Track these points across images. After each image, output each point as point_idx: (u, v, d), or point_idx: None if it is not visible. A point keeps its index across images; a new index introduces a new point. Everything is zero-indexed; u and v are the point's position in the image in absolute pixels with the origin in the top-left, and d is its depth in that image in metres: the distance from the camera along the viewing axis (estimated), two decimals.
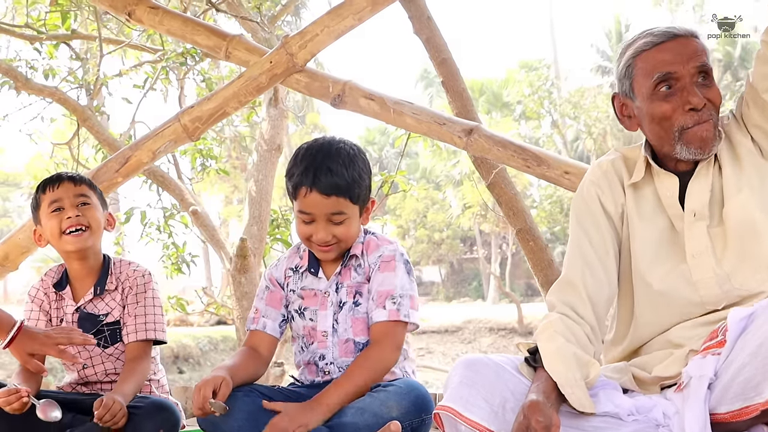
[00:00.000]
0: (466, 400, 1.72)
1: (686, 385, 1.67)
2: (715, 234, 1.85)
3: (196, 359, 15.73)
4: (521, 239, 4.43)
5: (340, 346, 2.26)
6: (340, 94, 3.45)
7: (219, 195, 30.48)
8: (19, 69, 6.19)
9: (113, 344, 2.60)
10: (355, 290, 2.27)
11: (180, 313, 7.88)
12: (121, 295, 2.63)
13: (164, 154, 3.92)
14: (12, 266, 3.87)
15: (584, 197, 2.02)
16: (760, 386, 1.48)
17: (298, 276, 2.36)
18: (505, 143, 3.37)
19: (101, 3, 3.69)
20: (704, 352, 1.67)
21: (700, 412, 1.59)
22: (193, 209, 6.47)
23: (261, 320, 2.34)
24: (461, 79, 4.49)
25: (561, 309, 1.91)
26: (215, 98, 3.58)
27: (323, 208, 2.16)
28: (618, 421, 1.74)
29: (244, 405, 2.09)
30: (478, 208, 26.87)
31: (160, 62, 6.38)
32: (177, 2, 6.19)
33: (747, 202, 1.81)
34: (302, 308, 2.33)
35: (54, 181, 2.60)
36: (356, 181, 2.18)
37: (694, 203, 1.86)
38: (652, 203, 1.94)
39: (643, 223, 1.93)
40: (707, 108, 1.83)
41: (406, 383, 2.10)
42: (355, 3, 3.26)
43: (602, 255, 1.95)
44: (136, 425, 2.31)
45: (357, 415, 2.03)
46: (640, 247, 1.93)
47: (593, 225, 1.98)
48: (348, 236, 2.23)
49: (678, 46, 1.85)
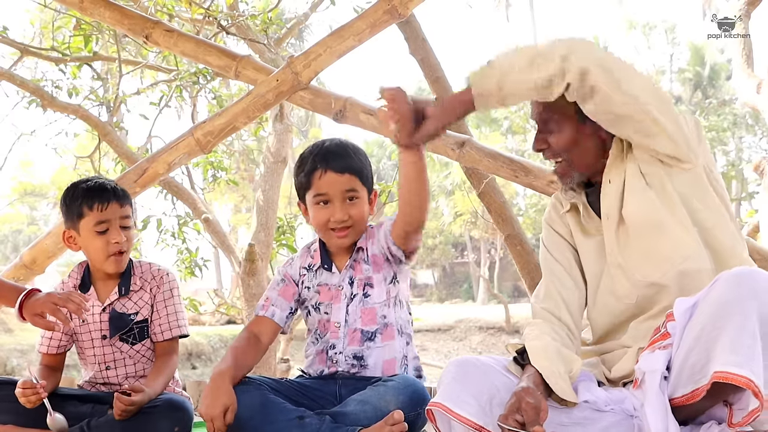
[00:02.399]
0: (456, 397, 1.73)
1: (641, 381, 1.68)
2: (622, 231, 1.89)
3: (208, 356, 15.70)
4: (510, 244, 4.43)
5: (350, 336, 2.25)
6: (342, 110, 3.46)
7: (229, 204, 30.46)
8: (45, 88, 6.21)
9: (141, 341, 2.54)
10: (365, 282, 2.26)
11: (193, 313, 7.87)
12: (149, 294, 2.55)
13: (179, 165, 3.92)
14: (39, 270, 3.87)
15: (544, 227, 2.15)
16: (704, 369, 1.50)
17: (313, 274, 2.34)
18: (494, 155, 3.38)
19: (121, 26, 3.69)
20: (651, 347, 1.68)
21: (659, 404, 1.60)
22: (205, 217, 6.46)
23: (270, 308, 2.30)
24: None
25: (543, 315, 1.97)
26: (226, 114, 3.58)
27: (339, 185, 2.17)
28: (597, 412, 1.76)
29: (255, 397, 2.07)
30: (469, 216, 26.89)
31: (175, 81, 6.40)
32: (190, 26, 6.19)
33: (652, 202, 1.83)
34: (318, 303, 2.31)
35: (102, 200, 2.45)
36: (363, 164, 2.23)
37: (605, 207, 1.92)
38: (583, 219, 2.02)
39: (584, 237, 2.01)
40: (549, 150, 1.95)
41: (404, 379, 2.10)
42: (355, 25, 3.27)
43: (567, 267, 2.04)
44: (152, 423, 2.27)
45: (358, 406, 2.02)
46: (583, 256, 2.02)
47: (554, 246, 2.08)
48: (361, 218, 2.23)
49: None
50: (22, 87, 6.07)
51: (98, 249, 2.46)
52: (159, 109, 6.67)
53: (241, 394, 2.06)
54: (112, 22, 3.66)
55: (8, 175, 26.76)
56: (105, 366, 2.53)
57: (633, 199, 1.87)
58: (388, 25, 3.28)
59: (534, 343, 1.83)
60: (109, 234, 2.44)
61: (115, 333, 2.51)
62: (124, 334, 2.52)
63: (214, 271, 28.82)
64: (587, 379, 1.85)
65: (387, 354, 2.25)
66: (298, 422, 2.02)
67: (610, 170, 1.92)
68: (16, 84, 6.01)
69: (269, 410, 2.05)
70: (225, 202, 28.99)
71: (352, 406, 2.03)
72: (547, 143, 1.95)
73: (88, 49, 5.97)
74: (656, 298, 1.84)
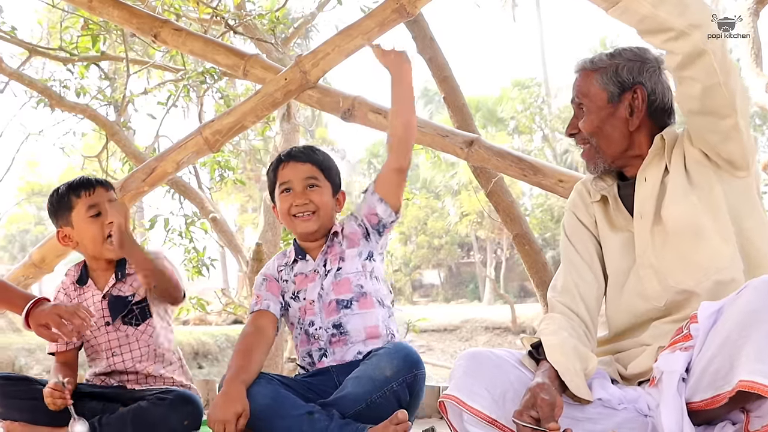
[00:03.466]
0: (469, 389, 1.72)
1: (659, 380, 1.67)
2: (657, 232, 1.88)
3: (215, 355, 15.70)
4: (518, 243, 4.43)
5: (326, 309, 2.29)
6: (350, 109, 3.45)
7: (235, 204, 30.49)
8: (53, 88, 6.22)
9: (144, 321, 2.57)
10: (339, 256, 2.33)
11: (200, 312, 7.86)
12: None
13: (187, 164, 3.92)
14: (48, 268, 3.88)
15: (566, 215, 2.14)
16: (728, 376, 1.48)
17: (289, 268, 2.41)
18: (503, 154, 3.37)
19: (129, 26, 3.70)
20: (672, 347, 1.67)
21: (675, 405, 1.59)
22: (213, 216, 6.47)
23: (264, 302, 2.36)
24: (461, 95, 4.50)
25: (560, 309, 1.96)
26: (234, 113, 3.58)
27: (299, 173, 2.33)
28: (610, 410, 1.75)
29: (267, 391, 2.08)
30: (475, 216, 26.85)
31: (182, 81, 6.39)
32: (197, 26, 6.20)
33: (694, 206, 1.82)
34: (296, 292, 2.36)
35: (88, 186, 2.56)
36: (327, 162, 2.39)
37: (640, 206, 1.92)
38: (612, 213, 2.01)
39: (611, 231, 2.00)
40: (580, 135, 2.00)
41: (394, 344, 2.13)
42: (364, 24, 3.27)
43: (588, 259, 2.03)
44: (162, 417, 2.30)
45: (355, 384, 2.04)
46: (608, 251, 2.01)
47: (576, 236, 2.07)
48: (323, 204, 2.33)
49: (575, 81, 2.02)
50: (30, 87, 6.08)
51: (95, 235, 2.53)
52: (166, 108, 6.67)
53: (253, 387, 2.08)
54: (121, 21, 3.66)
55: (16, 175, 26.84)
56: (111, 353, 2.56)
57: (674, 201, 1.86)
58: (397, 23, 3.27)
59: (550, 338, 1.82)
60: (102, 216, 2.52)
61: (116, 316, 2.55)
62: (126, 316, 2.55)
63: (221, 271, 28.83)
64: (601, 376, 1.84)
65: (368, 321, 2.26)
66: (308, 418, 2.02)
67: (647, 168, 1.92)
68: (25, 84, 6.03)
69: (280, 404, 2.06)
70: (231, 202, 29.01)
71: (349, 386, 2.06)
72: (577, 128, 1.99)
73: (96, 48, 5.98)
74: (685, 303, 1.82)
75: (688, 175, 1.87)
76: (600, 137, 1.96)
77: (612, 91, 1.93)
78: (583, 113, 1.97)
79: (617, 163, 1.98)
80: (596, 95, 1.94)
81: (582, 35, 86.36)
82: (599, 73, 1.95)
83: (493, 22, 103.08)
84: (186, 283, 2.69)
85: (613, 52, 1.97)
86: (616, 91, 1.93)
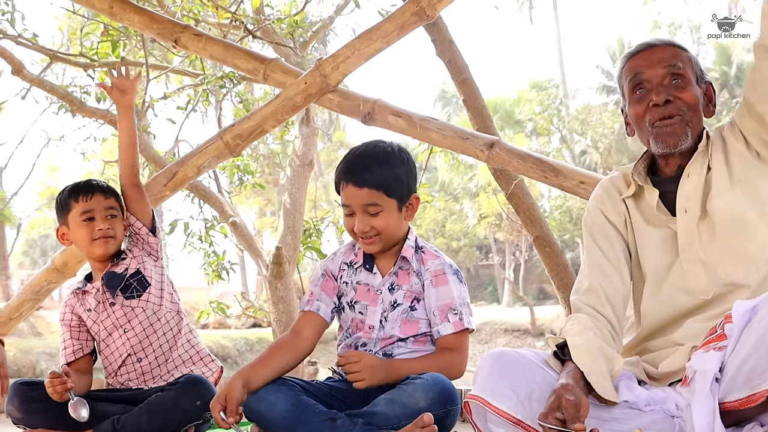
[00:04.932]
0: (494, 390, 1.71)
1: (692, 379, 1.65)
2: (704, 226, 1.86)
3: (234, 359, 15.77)
4: (538, 245, 4.40)
5: (383, 340, 2.25)
6: (370, 112, 3.45)
7: (253, 208, 30.60)
8: (74, 94, 6.27)
9: (144, 290, 2.66)
10: (415, 296, 2.26)
11: (220, 315, 7.90)
12: (137, 248, 2.74)
13: (208, 169, 3.94)
14: (71, 273, 3.91)
15: (591, 213, 2.09)
16: (765, 374, 1.46)
17: (353, 270, 2.35)
18: (524, 156, 3.35)
19: (150, 31, 3.72)
20: (705, 347, 1.65)
21: (708, 405, 1.56)
22: (233, 220, 6.49)
23: (315, 303, 2.31)
24: (481, 98, 4.48)
25: (586, 310, 1.94)
26: (254, 117, 3.59)
27: (358, 199, 2.18)
28: (637, 411, 1.73)
29: (289, 397, 2.08)
30: (493, 218, 26.76)
31: (201, 86, 6.43)
32: (216, 30, 6.23)
33: (739, 200, 1.82)
34: (353, 301, 2.32)
35: (87, 192, 2.66)
36: (391, 175, 2.19)
37: (684, 200, 1.89)
38: (651, 209, 1.97)
39: (648, 227, 1.97)
40: (673, 105, 1.88)
41: (433, 377, 2.08)
42: (383, 27, 3.27)
43: (613, 260, 2.00)
44: (174, 400, 2.36)
45: (387, 405, 2.02)
46: (644, 247, 1.98)
47: (602, 235, 2.03)
48: (386, 228, 2.21)
49: (650, 54, 1.94)
50: (51, 92, 6.15)
51: (85, 235, 2.63)
52: (186, 113, 6.71)
53: (274, 394, 2.07)
54: (141, 26, 3.68)
55: (36, 180, 27.09)
56: (123, 330, 2.63)
57: (719, 195, 1.85)
58: (416, 26, 3.27)
59: (576, 339, 1.80)
60: (94, 222, 2.62)
61: (114, 291, 2.64)
62: (123, 290, 2.64)
63: (240, 275, 28.95)
64: (627, 378, 1.82)
65: (417, 354, 2.25)
66: (331, 424, 2.01)
67: (692, 164, 1.91)
68: (46, 90, 6.09)
69: (302, 411, 2.05)
70: (250, 206, 29.13)
71: (381, 405, 2.02)
72: (672, 96, 1.90)
73: (116, 54, 6.02)
74: (730, 296, 1.80)
75: (731, 170, 1.86)
76: (695, 112, 1.91)
77: (698, 75, 1.94)
78: (679, 84, 1.91)
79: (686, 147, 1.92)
80: (690, 73, 1.93)
81: (599, 37, 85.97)
82: (687, 54, 1.94)
83: (510, 24, 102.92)
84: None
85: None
86: (699, 77, 1.94)
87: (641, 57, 1.95)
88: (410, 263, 2.27)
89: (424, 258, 2.29)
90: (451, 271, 2.27)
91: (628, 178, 2.04)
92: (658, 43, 1.96)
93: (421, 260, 2.29)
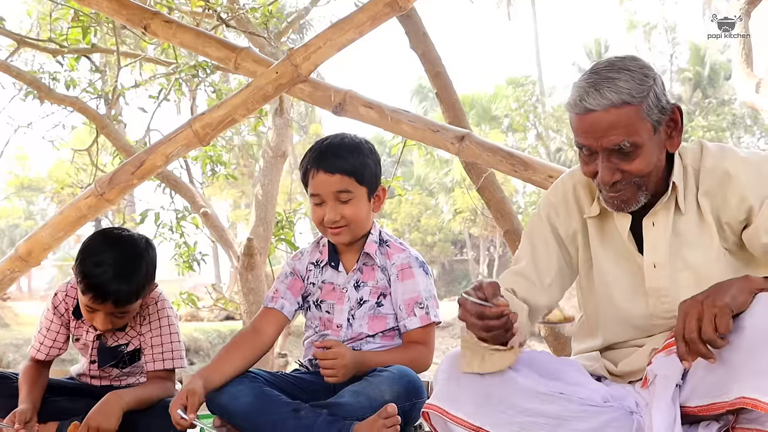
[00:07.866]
0: (453, 398, 1.69)
1: (652, 382, 1.65)
2: (675, 279, 1.78)
3: (206, 352, 15.67)
4: (508, 240, 4.42)
5: (352, 339, 2.25)
6: (341, 103, 3.44)
7: (228, 200, 30.44)
8: (42, 80, 6.17)
9: (131, 364, 2.56)
10: (381, 292, 2.26)
11: (191, 308, 7.84)
12: (138, 323, 2.50)
13: (177, 158, 3.90)
14: (34, 262, 3.85)
15: (540, 215, 1.98)
16: (727, 387, 1.47)
17: (319, 270, 2.34)
18: (494, 149, 3.36)
19: (119, 17, 3.67)
20: (667, 350, 1.65)
21: (669, 413, 1.57)
22: (204, 211, 6.44)
23: (280, 300, 2.31)
24: (454, 91, 4.48)
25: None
26: (224, 106, 3.56)
27: (329, 186, 2.17)
28: (596, 408, 1.71)
29: (251, 389, 2.07)
30: (468, 214, 26.88)
31: (174, 74, 6.36)
32: (189, 18, 6.17)
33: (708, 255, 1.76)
34: (320, 300, 2.31)
35: (99, 298, 2.29)
36: (361, 163, 2.19)
37: (653, 255, 1.79)
38: (612, 233, 1.87)
39: (606, 251, 1.88)
40: (621, 180, 1.71)
41: (399, 370, 2.09)
42: (356, 18, 3.25)
43: (542, 270, 1.93)
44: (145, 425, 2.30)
45: (352, 396, 2.02)
46: (604, 273, 1.88)
47: (542, 241, 1.96)
48: (356, 217, 2.20)
49: (590, 124, 1.68)
50: (18, 78, 6.02)
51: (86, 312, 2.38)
52: (158, 102, 6.63)
53: (237, 386, 2.06)
54: (110, 12, 3.63)
55: (4, 169, 26.70)
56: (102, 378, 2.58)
57: (694, 254, 1.77)
58: (389, 18, 3.26)
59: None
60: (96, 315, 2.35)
61: (104, 364, 2.53)
62: (115, 364, 2.54)
63: (212, 266, 28.80)
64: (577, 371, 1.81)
65: (385, 347, 2.26)
66: (294, 414, 2.01)
67: (657, 212, 1.79)
68: (12, 75, 5.97)
69: (264, 402, 2.04)
70: (224, 197, 28.98)
71: (347, 397, 2.02)
72: (621, 173, 1.71)
73: (86, 40, 5.94)
74: None
75: (704, 221, 1.77)
76: (649, 175, 1.73)
77: (655, 117, 1.69)
78: (627, 153, 1.68)
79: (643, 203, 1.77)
80: (644, 130, 1.67)
81: (576, 35, 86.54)
82: (635, 108, 1.66)
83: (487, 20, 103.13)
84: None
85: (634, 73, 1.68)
86: (658, 118, 1.70)
87: (582, 122, 1.70)
88: (373, 259, 2.27)
89: (390, 252, 2.28)
90: (417, 263, 2.27)
91: (595, 191, 1.86)
92: (596, 108, 1.66)
93: (387, 254, 2.28)
